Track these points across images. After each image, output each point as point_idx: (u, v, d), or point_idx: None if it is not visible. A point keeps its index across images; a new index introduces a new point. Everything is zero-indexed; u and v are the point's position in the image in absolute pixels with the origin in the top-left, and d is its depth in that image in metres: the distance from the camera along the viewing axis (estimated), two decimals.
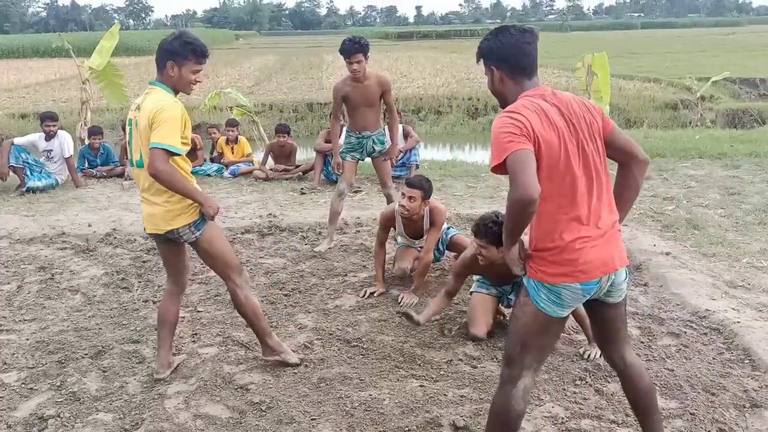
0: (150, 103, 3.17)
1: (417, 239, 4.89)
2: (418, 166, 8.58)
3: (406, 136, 8.43)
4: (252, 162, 8.91)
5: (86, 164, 8.83)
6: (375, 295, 4.61)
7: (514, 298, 4.02)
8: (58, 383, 3.46)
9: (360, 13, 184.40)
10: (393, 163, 8.26)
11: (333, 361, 3.67)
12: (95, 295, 4.71)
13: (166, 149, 3.07)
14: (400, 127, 8.44)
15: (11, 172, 7.81)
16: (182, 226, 3.26)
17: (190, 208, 3.24)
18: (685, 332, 3.96)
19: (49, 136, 8.04)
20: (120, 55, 27.98)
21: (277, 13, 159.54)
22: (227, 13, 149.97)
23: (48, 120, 8.07)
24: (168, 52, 3.21)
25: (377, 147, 5.60)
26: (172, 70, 3.22)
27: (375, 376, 3.50)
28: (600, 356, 3.62)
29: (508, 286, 4.09)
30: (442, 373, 3.54)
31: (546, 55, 31.25)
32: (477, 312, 3.98)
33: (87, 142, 9.16)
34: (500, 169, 2.24)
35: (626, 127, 13.86)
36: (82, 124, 10.36)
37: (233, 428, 3.06)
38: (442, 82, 19.82)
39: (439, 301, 4.04)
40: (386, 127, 5.91)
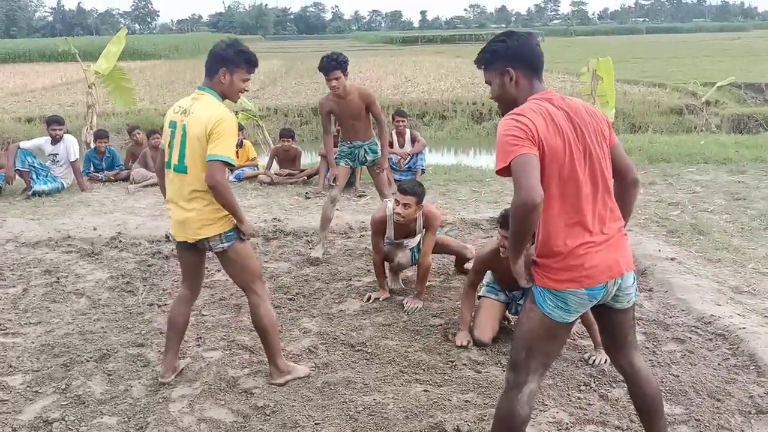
0: (204, 112, 3.14)
1: (405, 239, 4.90)
2: (424, 171, 8.59)
3: (414, 140, 8.46)
4: (257, 166, 8.94)
5: (92, 168, 8.87)
6: (380, 299, 4.62)
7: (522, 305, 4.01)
8: (63, 386, 3.47)
9: (365, 18, 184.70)
10: (400, 166, 8.31)
11: (337, 366, 3.67)
12: (100, 299, 4.72)
13: (225, 161, 3.11)
14: (408, 131, 8.47)
15: (17, 176, 7.85)
16: (213, 236, 3.24)
17: (222, 218, 3.22)
18: (690, 338, 3.95)
19: (55, 140, 8.08)
20: (126, 59, 28.04)
21: (282, 18, 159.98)
22: (232, 17, 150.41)
23: (54, 124, 8.11)
24: (222, 59, 3.21)
25: (369, 156, 5.64)
26: (224, 78, 3.21)
27: (379, 381, 3.50)
28: (606, 362, 3.61)
29: (518, 292, 4.05)
30: (446, 378, 3.54)
31: (551, 60, 31.14)
32: (483, 317, 3.97)
33: (93, 146, 9.21)
34: (505, 172, 2.24)
35: (631, 132, 13.84)
36: (87, 128, 10.41)
37: None
38: (447, 87, 19.82)
39: (468, 300, 4.04)
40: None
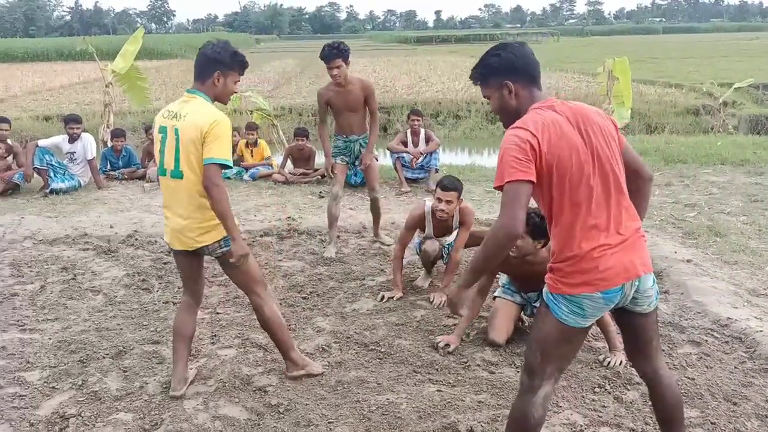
0: (198, 115, 3.07)
1: (442, 237, 4.90)
2: (438, 170, 8.57)
3: (428, 139, 8.46)
4: (271, 165, 8.96)
5: (108, 166, 8.94)
6: (394, 299, 4.62)
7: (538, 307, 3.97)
8: (80, 382, 3.51)
9: (379, 18, 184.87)
10: (412, 165, 8.30)
11: (350, 365, 3.68)
12: (116, 296, 4.76)
13: (222, 164, 3.06)
14: (422, 131, 8.46)
15: (35, 174, 7.94)
16: (212, 243, 3.20)
17: (220, 224, 3.14)
18: (707, 340, 3.91)
19: (73, 139, 8.16)
20: (142, 58, 28.25)
21: (297, 18, 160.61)
22: (248, 17, 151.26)
23: (72, 122, 8.19)
24: (216, 62, 3.15)
25: (363, 151, 5.63)
26: (218, 81, 3.16)
27: (392, 380, 3.50)
28: (620, 364, 3.59)
29: (533, 293, 4.01)
30: (459, 378, 3.53)
31: (566, 60, 31.08)
32: (498, 318, 3.95)
33: (110, 145, 9.27)
34: (500, 189, 2.22)
35: (647, 133, 13.73)
36: (104, 127, 10.49)
37: (251, 430, 3.07)
38: (461, 87, 19.75)
39: (473, 306, 3.94)
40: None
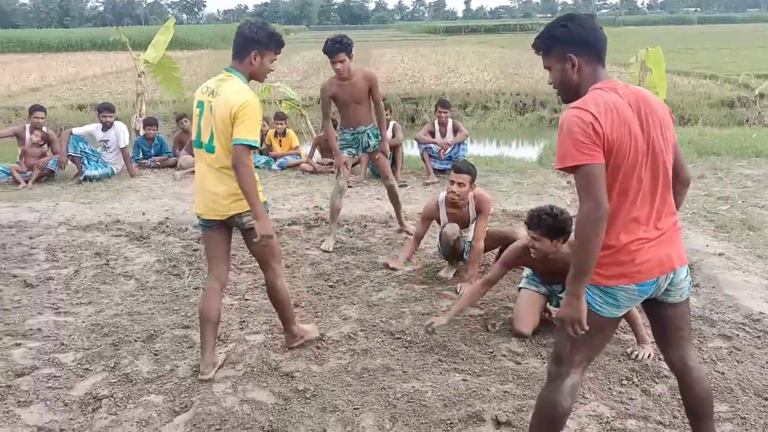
0: (231, 94, 3.18)
1: (462, 229, 4.89)
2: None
3: (456, 130, 8.41)
4: (299, 155, 9.01)
5: (141, 154, 9.08)
6: (396, 270, 4.89)
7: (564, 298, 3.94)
8: (112, 365, 3.59)
9: (408, 8, 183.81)
10: (440, 156, 8.27)
11: (376, 353, 3.71)
12: (148, 281, 4.85)
13: (249, 145, 3.16)
14: (450, 121, 8.42)
15: (69, 161, 8.11)
16: (246, 211, 3.28)
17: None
18: (738, 335, 3.86)
19: (106, 127, 8.31)
20: (173, 49, 28.51)
21: (326, 8, 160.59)
22: (277, 7, 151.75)
23: (105, 111, 8.34)
24: (253, 41, 3.25)
25: (372, 141, 5.67)
26: (255, 59, 3.27)
27: (418, 369, 3.52)
28: (648, 357, 3.56)
29: (558, 285, 3.99)
30: (485, 368, 3.54)
31: None
32: (524, 309, 3.94)
33: (142, 133, 9.42)
34: (566, 170, 2.16)
35: (680, 125, 13.48)
36: (137, 116, 10.65)
37: (279, 414, 3.12)
38: (490, 77, 19.62)
39: (472, 293, 3.89)
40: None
